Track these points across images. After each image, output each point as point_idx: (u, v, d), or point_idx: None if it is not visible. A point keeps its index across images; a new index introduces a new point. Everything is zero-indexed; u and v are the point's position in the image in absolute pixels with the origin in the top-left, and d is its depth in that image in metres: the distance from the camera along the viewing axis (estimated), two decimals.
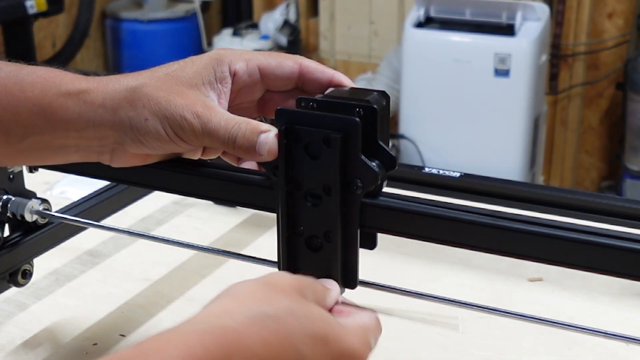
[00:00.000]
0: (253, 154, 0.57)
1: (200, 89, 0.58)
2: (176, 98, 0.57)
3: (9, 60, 0.62)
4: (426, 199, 0.59)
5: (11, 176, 0.78)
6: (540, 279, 0.89)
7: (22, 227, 0.79)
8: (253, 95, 0.63)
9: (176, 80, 0.58)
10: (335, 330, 0.51)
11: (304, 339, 0.48)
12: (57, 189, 1.10)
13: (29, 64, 0.61)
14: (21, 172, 0.79)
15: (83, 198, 0.88)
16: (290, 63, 0.61)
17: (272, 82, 0.62)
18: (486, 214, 0.56)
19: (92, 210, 0.86)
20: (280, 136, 0.57)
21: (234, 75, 0.60)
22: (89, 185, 0.94)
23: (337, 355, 0.50)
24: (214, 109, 0.58)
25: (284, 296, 0.51)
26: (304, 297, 0.52)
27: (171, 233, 1.01)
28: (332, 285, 0.57)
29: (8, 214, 0.78)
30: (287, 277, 0.54)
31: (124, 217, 0.94)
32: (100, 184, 0.89)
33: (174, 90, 0.58)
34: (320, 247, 0.59)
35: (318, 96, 0.58)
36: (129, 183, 0.82)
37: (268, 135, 0.57)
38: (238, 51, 0.61)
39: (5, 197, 0.78)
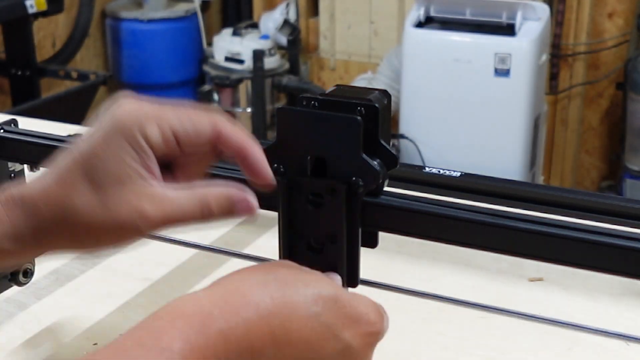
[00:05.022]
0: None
1: (131, 181, 0.50)
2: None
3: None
4: (428, 197, 0.59)
5: (12, 175, 0.78)
6: (540, 279, 0.89)
7: None
8: (166, 161, 0.53)
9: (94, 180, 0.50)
10: (346, 294, 0.50)
11: (314, 298, 0.48)
12: None
13: None
14: (22, 170, 0.79)
15: None
16: (207, 126, 0.52)
17: (187, 148, 0.52)
18: (487, 213, 0.56)
19: None
20: None
21: (150, 145, 0.51)
22: None
23: (351, 318, 0.49)
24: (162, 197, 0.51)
25: (284, 267, 0.51)
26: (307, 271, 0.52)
27: (171, 233, 1.00)
28: (335, 276, 0.57)
29: None
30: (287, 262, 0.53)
31: None
32: None
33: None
34: (322, 247, 0.58)
35: (319, 95, 0.58)
36: None
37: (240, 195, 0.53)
38: (143, 112, 0.51)
39: None
